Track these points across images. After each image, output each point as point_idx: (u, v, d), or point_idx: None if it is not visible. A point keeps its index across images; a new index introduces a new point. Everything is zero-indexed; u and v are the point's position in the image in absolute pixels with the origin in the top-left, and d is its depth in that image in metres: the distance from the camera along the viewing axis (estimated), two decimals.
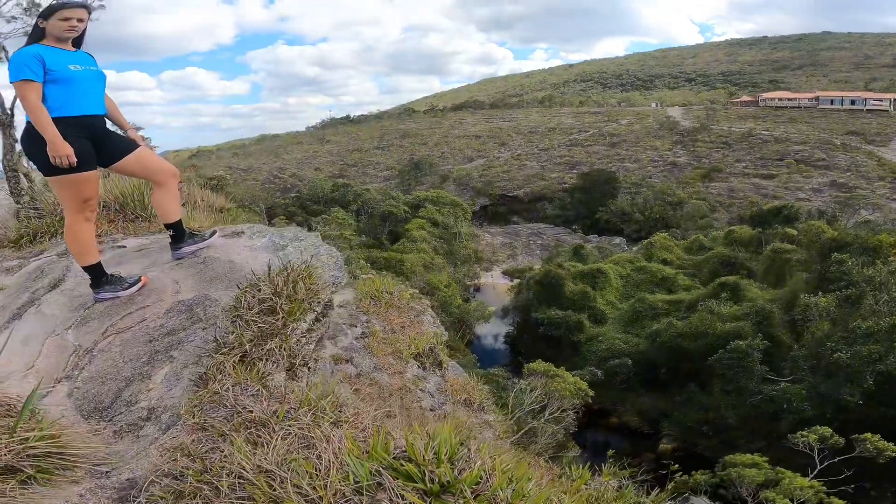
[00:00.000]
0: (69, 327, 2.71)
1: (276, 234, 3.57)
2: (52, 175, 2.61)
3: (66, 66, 2.65)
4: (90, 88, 2.75)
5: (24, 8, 5.45)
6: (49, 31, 2.68)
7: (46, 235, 4.05)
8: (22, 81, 2.52)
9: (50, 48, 2.66)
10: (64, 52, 2.69)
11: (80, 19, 2.70)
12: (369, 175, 59.99)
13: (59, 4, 2.71)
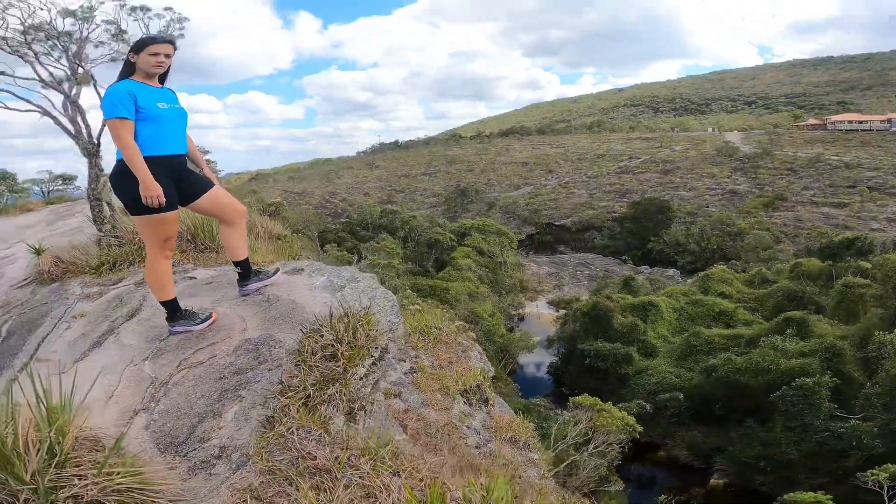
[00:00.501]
0: (146, 358, 2.88)
1: (335, 274, 3.68)
2: (139, 214, 2.69)
3: (155, 103, 2.71)
4: (175, 127, 2.83)
5: (112, 34, 5.50)
6: (139, 66, 2.74)
7: (125, 263, 4.34)
8: (116, 119, 2.57)
9: (140, 84, 2.71)
10: (152, 89, 2.76)
11: (167, 55, 2.77)
12: (416, 201, 61.05)
13: (149, 38, 2.79)
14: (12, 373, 2.67)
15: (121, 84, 2.67)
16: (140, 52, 2.71)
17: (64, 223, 9.59)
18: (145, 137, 2.65)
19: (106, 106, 2.60)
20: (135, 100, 2.62)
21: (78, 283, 4.06)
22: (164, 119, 2.73)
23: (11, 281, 4.91)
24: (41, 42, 4.99)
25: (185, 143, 2.91)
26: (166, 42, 2.78)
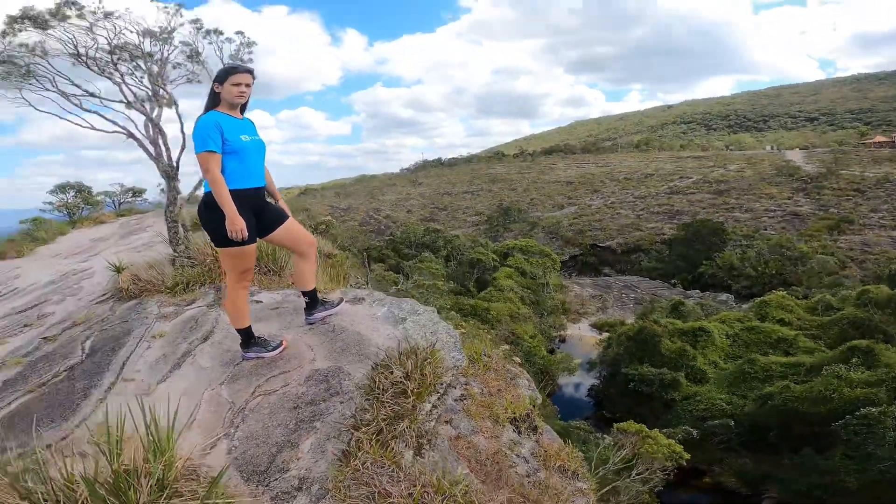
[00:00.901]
0: (222, 382, 2.98)
1: (395, 305, 3.74)
2: (222, 246, 2.76)
3: (239, 136, 2.74)
4: (257, 160, 2.86)
5: (188, 56, 5.62)
6: (223, 97, 2.76)
7: (197, 284, 4.54)
8: (206, 153, 2.61)
9: (225, 116, 2.75)
10: (236, 121, 2.79)
11: (247, 84, 2.78)
12: (458, 219, 61.33)
13: (231, 68, 2.80)
14: (101, 392, 2.80)
15: (208, 116, 2.71)
16: (224, 83, 2.75)
17: (135, 237, 10.19)
18: (230, 171, 2.71)
19: (196, 139, 2.65)
20: (221, 132, 2.66)
21: (155, 302, 4.28)
22: (247, 152, 2.77)
23: (90, 295, 5.22)
24: (125, 62, 5.18)
25: (264, 175, 2.96)
26: (246, 71, 2.80)
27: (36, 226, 13.01)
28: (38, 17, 4.78)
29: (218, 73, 2.82)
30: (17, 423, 2.58)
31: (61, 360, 3.33)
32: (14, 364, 3.43)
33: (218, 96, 2.77)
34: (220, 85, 2.75)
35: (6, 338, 4.01)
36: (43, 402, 2.75)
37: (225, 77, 2.75)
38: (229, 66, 2.83)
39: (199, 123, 2.69)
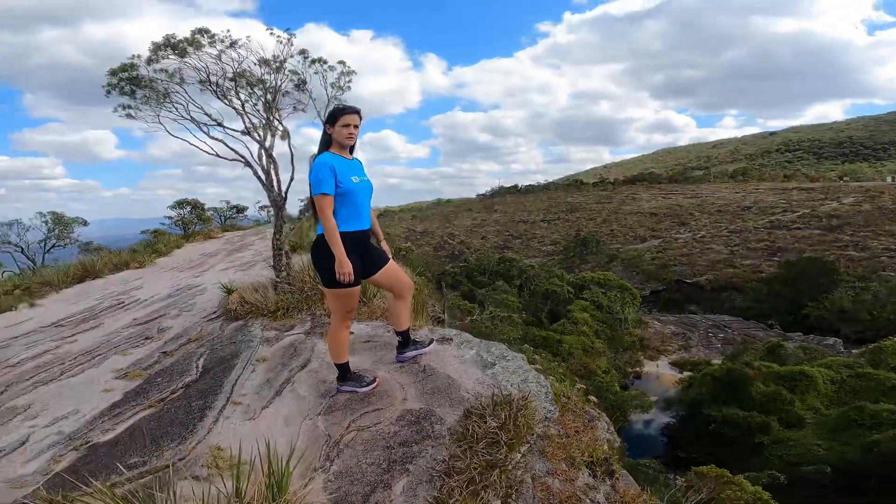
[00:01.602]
0: (319, 413, 3.10)
1: (484, 349, 3.73)
2: (330, 287, 2.83)
3: (350, 177, 2.78)
4: (365, 202, 2.89)
5: (295, 84, 5.71)
6: (334, 138, 2.81)
7: (296, 310, 4.83)
8: (320, 195, 2.67)
9: (338, 158, 2.79)
10: (347, 163, 2.83)
11: (355, 125, 2.82)
12: (533, 248, 60.42)
13: (339, 109, 2.84)
14: (214, 413, 3.01)
15: (323, 158, 2.77)
16: (334, 124, 2.80)
17: (239, 255, 11.05)
18: (340, 213, 2.77)
19: (313, 181, 2.72)
20: (335, 174, 2.72)
21: (259, 325, 4.59)
22: (357, 194, 2.82)
23: (202, 312, 5.71)
24: (243, 89, 5.45)
25: (370, 217, 3.01)
26: (354, 112, 2.84)
27: (156, 238, 14.56)
28: (177, 45, 5.22)
29: (328, 114, 2.91)
30: (136, 437, 2.80)
31: (178, 377, 3.63)
32: (135, 376, 3.78)
33: (330, 137, 2.84)
34: (330, 126, 2.82)
35: (130, 349, 4.45)
36: (162, 420, 2.99)
37: (335, 119, 2.81)
38: (338, 108, 2.89)
39: (314, 165, 2.77)
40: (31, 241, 10.12)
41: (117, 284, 8.32)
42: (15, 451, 2.69)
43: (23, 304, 7.06)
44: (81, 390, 3.56)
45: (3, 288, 8.28)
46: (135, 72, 5.11)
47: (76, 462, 2.59)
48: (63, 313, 6.27)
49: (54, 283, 8.35)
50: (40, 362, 4.25)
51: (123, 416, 3.09)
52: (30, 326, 5.70)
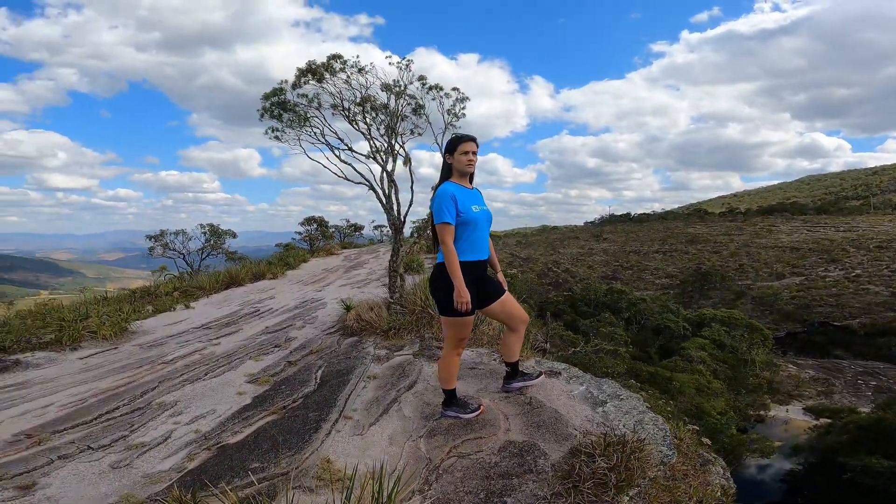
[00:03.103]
0: (421, 436, 3.19)
1: (594, 385, 3.58)
2: (446, 315, 2.86)
3: (470, 207, 2.80)
4: (484, 232, 2.90)
5: (413, 109, 5.91)
6: (454, 167, 2.85)
7: (406, 331, 5.07)
8: (442, 224, 2.71)
9: (459, 187, 2.82)
10: (468, 192, 2.85)
11: (473, 152, 2.85)
12: (645, 280, 56.56)
13: (458, 138, 2.87)
14: (328, 426, 3.24)
15: (445, 187, 2.80)
16: (454, 153, 2.85)
17: (355, 273, 11.89)
18: (461, 242, 2.80)
19: (435, 210, 2.77)
20: (456, 204, 2.75)
21: (371, 343, 4.89)
22: (477, 223, 2.84)
23: (323, 325, 6.22)
24: (368, 113, 5.77)
25: (489, 248, 3.02)
26: (471, 140, 2.88)
27: (287, 251, 16.23)
28: (316, 70, 5.63)
29: (447, 143, 2.95)
30: (260, 443, 3.04)
31: (299, 387, 3.96)
32: (264, 382, 4.18)
33: (450, 167, 2.90)
34: (450, 155, 2.88)
35: (262, 356, 4.96)
36: (283, 427, 3.23)
37: (454, 147, 2.86)
38: (455, 137, 2.91)
39: (436, 195, 2.81)
40: (191, 248, 11.90)
41: (255, 293, 9.40)
42: (158, 447, 3.00)
43: (180, 305, 8.25)
44: (219, 391, 3.99)
45: (165, 289, 9.75)
46: (283, 96, 5.71)
47: (207, 462, 2.84)
48: (210, 316, 7.21)
49: (206, 288, 9.67)
50: (189, 361, 4.87)
51: (251, 420, 3.38)
52: (183, 327, 6.61)
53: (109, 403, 3.68)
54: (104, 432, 3.17)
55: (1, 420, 3.40)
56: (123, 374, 4.47)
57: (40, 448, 2.93)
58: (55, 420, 3.39)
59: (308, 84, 5.68)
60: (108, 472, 2.68)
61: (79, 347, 5.45)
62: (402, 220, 5.50)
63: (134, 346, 5.62)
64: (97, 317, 5.95)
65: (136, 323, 6.52)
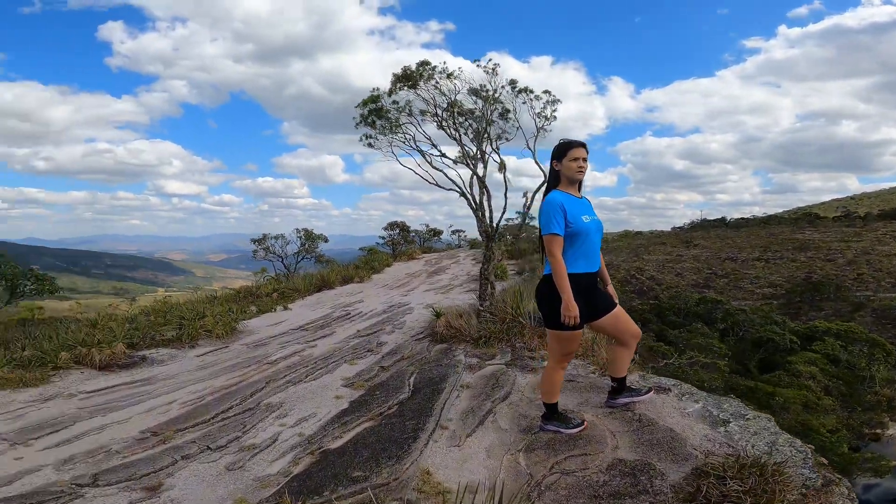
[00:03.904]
0: (520, 449, 3.07)
1: (712, 403, 3.28)
2: (552, 328, 2.76)
3: (580, 217, 2.67)
4: (595, 242, 2.76)
5: (500, 113, 5.82)
6: (563, 174, 2.73)
7: (496, 339, 4.98)
8: (550, 235, 2.61)
9: (568, 196, 2.70)
10: (577, 201, 2.73)
11: (584, 159, 2.72)
12: (743, 290, 51.89)
13: (567, 144, 2.75)
14: (425, 436, 3.22)
15: (554, 196, 2.69)
16: (563, 159, 2.73)
17: (437, 278, 12.02)
18: (570, 254, 2.68)
19: (543, 220, 2.66)
20: (565, 213, 2.63)
21: (462, 351, 4.87)
22: (588, 234, 2.71)
23: (411, 330, 6.31)
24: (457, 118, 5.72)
25: (600, 259, 2.88)
26: (581, 146, 2.74)
27: (370, 255, 16.84)
28: (412, 76, 5.67)
29: (555, 150, 2.81)
30: (360, 450, 3.07)
31: (394, 393, 4.00)
32: (359, 386, 4.27)
33: (558, 174, 2.77)
34: (558, 162, 2.76)
35: (355, 360, 5.11)
36: (381, 435, 3.26)
37: (563, 153, 2.74)
38: (564, 143, 2.79)
39: (544, 204, 2.70)
40: (288, 252, 12.76)
41: (344, 296, 9.82)
42: (266, 449, 3.13)
43: (279, 306, 8.80)
44: (319, 394, 4.13)
45: (265, 290, 10.45)
46: (379, 103, 5.86)
47: (310, 467, 2.91)
48: (306, 318, 7.61)
49: (300, 290, 10.27)
50: (290, 363, 5.12)
51: (349, 426, 3.44)
52: (283, 328, 7.03)
53: (224, 402, 3.94)
54: (220, 432, 3.38)
55: (130, 416, 3.74)
56: (234, 374, 4.80)
57: (165, 447, 3.17)
58: (177, 418, 3.67)
59: (402, 90, 5.78)
60: (224, 473, 2.83)
61: (196, 345, 5.97)
62: (495, 228, 5.41)
63: (242, 345, 6.06)
64: (212, 316, 6.50)
65: (243, 322, 7.04)
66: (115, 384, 4.54)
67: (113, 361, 4.94)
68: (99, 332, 5.57)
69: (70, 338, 5.30)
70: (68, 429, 3.48)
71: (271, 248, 12.54)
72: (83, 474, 2.77)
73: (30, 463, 2.92)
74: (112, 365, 4.93)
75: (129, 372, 4.91)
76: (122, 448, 3.15)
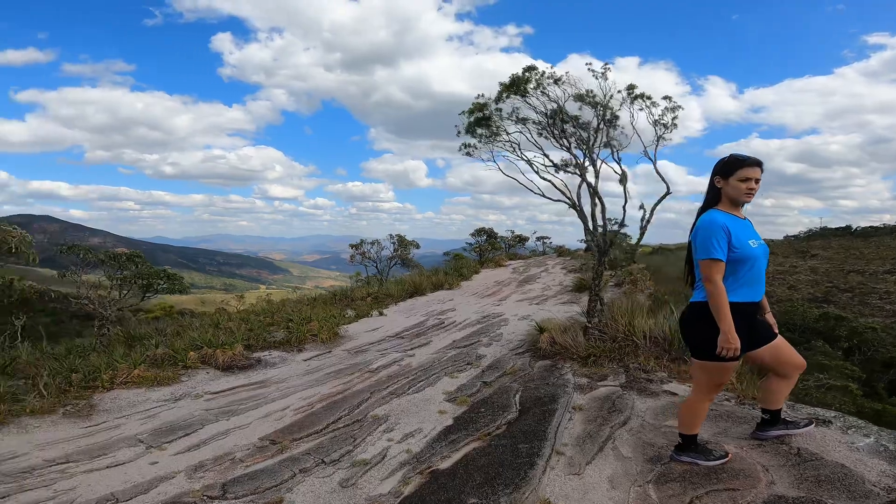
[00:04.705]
0: (649, 481, 2.78)
1: (888, 438, 2.84)
2: (703, 359, 2.51)
3: (747, 241, 2.42)
4: (761, 270, 2.48)
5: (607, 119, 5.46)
6: (726, 193, 2.46)
7: (607, 359, 4.65)
8: (710, 260, 2.35)
9: (730, 217, 2.45)
10: (740, 223, 2.47)
11: (757, 180, 2.43)
12: (870, 305, 45.21)
13: (738, 160, 2.45)
14: (542, 461, 3.01)
15: (715, 217, 2.42)
16: (730, 177, 2.44)
17: (529, 288, 11.73)
18: (730, 281, 2.41)
19: (701, 242, 2.41)
20: (728, 237, 2.38)
21: (569, 369, 4.60)
22: (756, 260, 2.43)
23: (510, 343, 6.11)
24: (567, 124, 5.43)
25: (763, 287, 2.55)
26: (756, 165, 2.43)
27: (456, 261, 16.87)
28: (520, 84, 5.37)
29: (721, 164, 2.50)
30: (472, 473, 2.91)
31: (500, 412, 3.81)
32: (462, 402, 4.13)
33: (719, 192, 2.49)
34: (723, 179, 2.47)
35: (455, 373, 4.99)
36: (491, 457, 3.10)
37: (731, 171, 2.44)
38: (736, 159, 2.47)
39: (704, 224, 2.44)
40: (383, 257, 13.16)
41: (436, 303, 9.87)
42: (376, 466, 3.08)
43: (374, 311, 9.03)
44: (422, 408, 4.07)
45: (359, 294, 10.81)
46: (486, 111, 5.71)
47: (421, 488, 2.80)
48: (401, 325, 7.71)
49: (393, 296, 10.50)
50: (391, 372, 5.13)
51: (457, 445, 3.31)
52: (380, 334, 7.15)
53: (333, 412, 4.00)
54: (333, 444, 3.41)
55: (249, 421, 3.90)
56: (339, 381, 4.91)
57: (283, 457, 3.23)
58: (291, 426, 3.76)
59: (510, 98, 5.59)
60: (338, 490, 2.81)
61: (303, 349, 6.24)
62: (609, 244, 5.04)
63: (343, 350, 6.24)
64: (318, 321, 6.78)
65: (343, 327, 7.28)
66: (235, 386, 4.84)
67: (233, 363, 5.28)
68: (221, 333, 6.01)
69: (198, 338, 5.77)
70: (197, 433, 3.69)
71: (367, 252, 13.00)
72: (213, 483, 2.88)
73: (164, 469, 3.10)
74: (232, 366, 5.27)
75: (246, 374, 5.22)
76: (245, 456, 3.27)
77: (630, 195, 5.04)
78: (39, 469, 3.09)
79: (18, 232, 5.29)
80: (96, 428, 3.83)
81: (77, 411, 4.11)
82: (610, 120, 5.48)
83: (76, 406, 4.19)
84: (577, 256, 17.81)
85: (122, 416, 4.10)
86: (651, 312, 5.18)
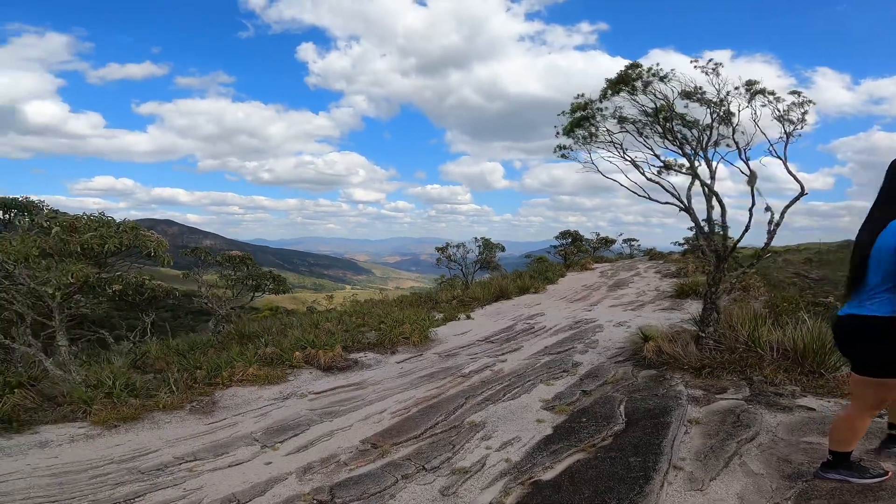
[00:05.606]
0: (788, 498, 2.51)
1: None
2: (869, 375, 2.27)
3: None
4: None
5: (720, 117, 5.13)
6: None
7: (724, 371, 4.24)
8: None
9: None
10: None
11: None
12: None
13: None
14: (659, 477, 2.78)
15: None
16: None
17: (621, 293, 11.13)
18: None
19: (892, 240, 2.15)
20: None
21: (679, 380, 4.24)
22: None
23: (607, 350, 5.79)
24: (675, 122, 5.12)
25: None
26: None
27: (539, 264, 16.45)
28: (629, 80, 5.05)
29: None
30: (579, 486, 2.75)
31: (604, 423, 3.59)
32: (561, 411, 3.95)
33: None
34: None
35: (551, 380, 4.81)
36: (599, 470, 2.92)
37: None
38: None
39: None
40: (468, 260, 13.12)
41: (522, 307, 9.66)
42: (476, 475, 3.01)
43: (461, 314, 9.03)
44: (519, 415, 3.94)
45: (444, 296, 10.87)
46: (588, 111, 5.41)
47: (523, 499, 2.69)
48: (489, 329, 7.62)
49: (479, 299, 10.44)
50: (484, 377, 5.05)
51: (559, 456, 3.16)
52: (469, 338, 7.11)
53: (429, 417, 3.99)
54: (431, 450, 3.39)
55: (350, 423, 4.00)
56: (432, 385, 4.91)
57: (384, 461, 3.26)
58: (390, 429, 3.80)
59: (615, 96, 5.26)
60: (440, 499, 2.77)
61: (396, 351, 6.38)
62: (729, 249, 4.60)
63: (434, 353, 6.28)
64: (410, 324, 6.91)
65: (432, 330, 7.34)
66: (335, 386, 5.03)
67: (333, 363, 5.51)
68: (322, 334, 6.30)
69: (302, 338, 6.10)
70: (305, 433, 3.83)
71: (452, 256, 13.06)
72: (321, 487, 2.95)
73: (277, 470, 3.22)
74: (332, 367, 5.50)
75: (344, 375, 5.42)
76: (349, 459, 3.34)
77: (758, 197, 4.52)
78: (170, 467, 3.29)
79: (156, 237, 5.89)
80: (217, 425, 4.11)
81: (202, 408, 4.46)
82: (724, 117, 5.01)
83: (201, 402, 4.54)
84: (671, 260, 16.60)
85: (239, 413, 4.40)
86: (776, 322, 4.65)
